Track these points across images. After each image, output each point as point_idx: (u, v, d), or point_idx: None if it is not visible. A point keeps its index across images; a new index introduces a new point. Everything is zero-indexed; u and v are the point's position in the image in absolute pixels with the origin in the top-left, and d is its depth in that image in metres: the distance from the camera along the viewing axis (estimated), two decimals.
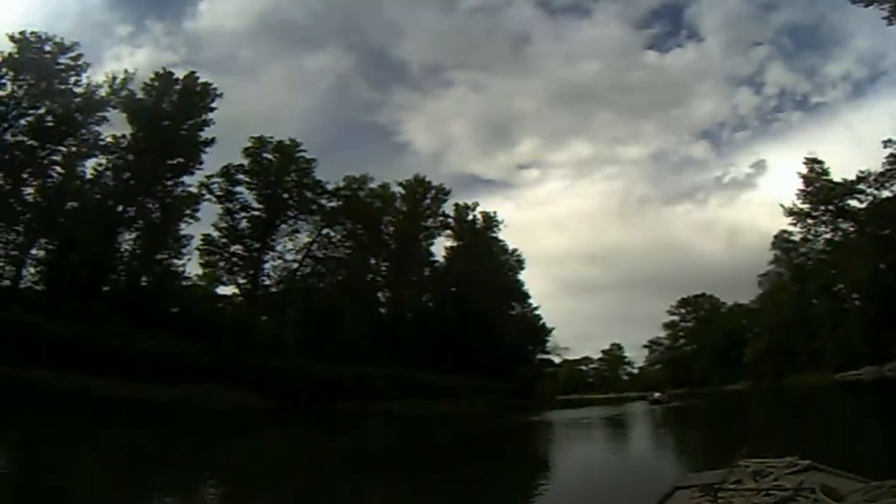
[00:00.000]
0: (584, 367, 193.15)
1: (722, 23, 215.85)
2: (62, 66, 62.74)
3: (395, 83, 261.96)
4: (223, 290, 79.56)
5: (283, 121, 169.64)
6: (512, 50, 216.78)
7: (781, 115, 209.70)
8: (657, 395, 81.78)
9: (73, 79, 63.40)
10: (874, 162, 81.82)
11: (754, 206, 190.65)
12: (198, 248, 74.44)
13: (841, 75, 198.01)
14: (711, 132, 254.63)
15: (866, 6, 63.90)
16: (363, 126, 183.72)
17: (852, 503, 5.49)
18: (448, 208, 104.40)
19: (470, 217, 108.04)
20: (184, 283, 72.50)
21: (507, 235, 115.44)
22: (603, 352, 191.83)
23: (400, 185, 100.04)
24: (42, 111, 61.60)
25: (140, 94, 69.46)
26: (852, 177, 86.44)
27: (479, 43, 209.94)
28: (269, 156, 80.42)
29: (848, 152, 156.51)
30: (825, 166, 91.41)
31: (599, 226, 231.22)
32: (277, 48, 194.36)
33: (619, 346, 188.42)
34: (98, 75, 67.03)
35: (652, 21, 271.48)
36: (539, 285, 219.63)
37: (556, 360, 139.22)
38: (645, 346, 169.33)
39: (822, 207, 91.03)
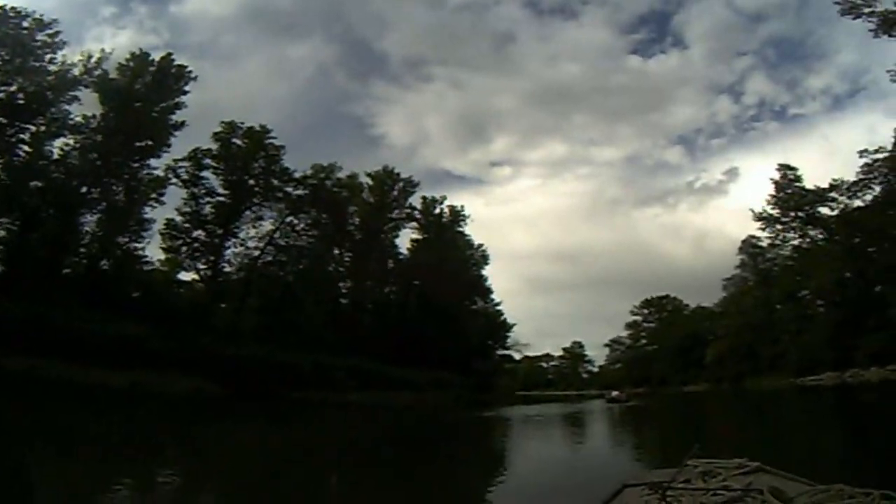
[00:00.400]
0: (544, 364, 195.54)
1: (708, 31, 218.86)
2: (38, 43, 61.44)
3: (375, 75, 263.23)
4: (184, 276, 79.15)
5: (261, 108, 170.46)
6: (495, 48, 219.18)
7: (758, 124, 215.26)
8: (615, 393, 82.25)
9: (48, 56, 62.08)
10: (848, 175, 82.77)
11: (724, 212, 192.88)
12: (160, 233, 73.81)
13: (821, 88, 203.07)
14: (687, 138, 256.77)
15: (854, 18, 64.51)
16: (340, 116, 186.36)
17: None
18: (416, 201, 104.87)
19: (437, 210, 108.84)
20: (145, 267, 71.73)
21: (476, 231, 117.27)
22: (564, 349, 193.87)
23: (368, 175, 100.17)
24: (13, 88, 60.26)
25: (114, 75, 68.46)
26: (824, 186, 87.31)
27: (462, 39, 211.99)
28: (239, 141, 79.71)
29: (821, 164, 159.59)
30: (798, 173, 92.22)
31: (569, 225, 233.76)
32: (260, 35, 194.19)
33: (580, 345, 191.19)
34: (76, 54, 66.05)
35: (638, 26, 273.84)
36: (505, 282, 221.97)
37: (517, 356, 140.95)
38: (606, 345, 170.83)
39: (792, 214, 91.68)
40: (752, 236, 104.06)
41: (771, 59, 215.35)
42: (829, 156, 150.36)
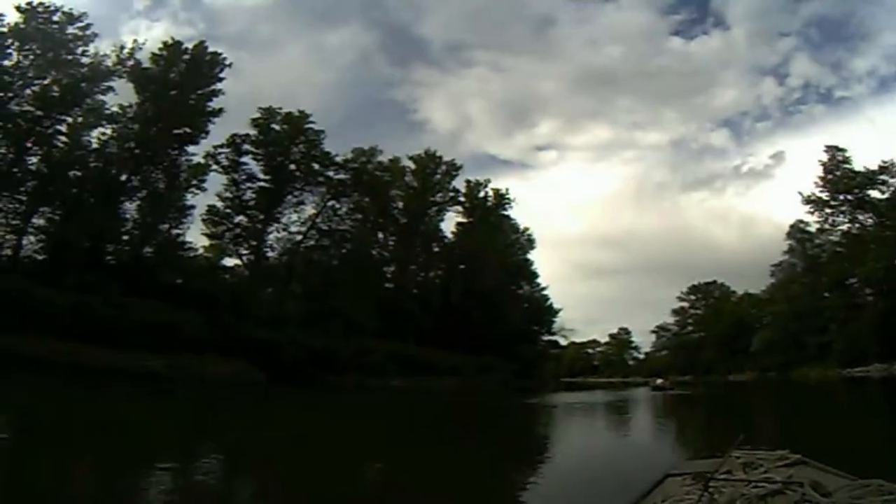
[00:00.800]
0: (590, 350, 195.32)
1: (750, 12, 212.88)
2: (70, 37, 62.74)
3: (416, 61, 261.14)
4: (228, 262, 79.80)
5: (302, 96, 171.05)
6: (536, 31, 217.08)
7: (804, 107, 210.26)
8: (659, 381, 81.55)
9: (80, 49, 63.50)
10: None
11: (771, 196, 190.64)
12: (202, 219, 74.80)
13: (867, 70, 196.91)
14: (732, 121, 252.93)
15: None
16: (382, 103, 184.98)
17: (839, 499, 5.16)
18: (460, 184, 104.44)
19: (481, 194, 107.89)
20: (188, 253, 72.50)
21: (522, 216, 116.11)
22: (610, 335, 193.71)
23: (410, 159, 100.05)
24: (48, 81, 61.56)
25: (148, 64, 69.34)
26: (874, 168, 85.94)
27: (502, 23, 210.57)
28: (277, 126, 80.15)
29: (869, 148, 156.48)
30: (846, 154, 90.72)
31: (615, 210, 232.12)
32: (298, 23, 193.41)
33: (626, 331, 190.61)
34: (110, 47, 67.32)
35: (679, 7, 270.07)
36: (551, 267, 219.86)
37: (563, 341, 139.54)
38: (653, 332, 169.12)
39: (842, 197, 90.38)
40: (801, 221, 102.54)
41: (814, 40, 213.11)
42: (877, 139, 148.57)
